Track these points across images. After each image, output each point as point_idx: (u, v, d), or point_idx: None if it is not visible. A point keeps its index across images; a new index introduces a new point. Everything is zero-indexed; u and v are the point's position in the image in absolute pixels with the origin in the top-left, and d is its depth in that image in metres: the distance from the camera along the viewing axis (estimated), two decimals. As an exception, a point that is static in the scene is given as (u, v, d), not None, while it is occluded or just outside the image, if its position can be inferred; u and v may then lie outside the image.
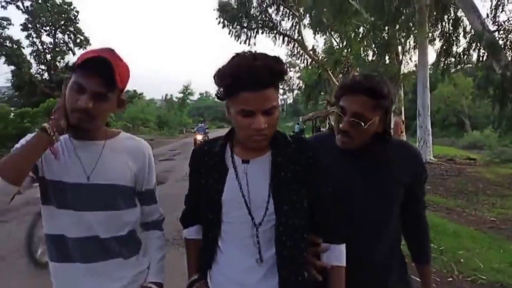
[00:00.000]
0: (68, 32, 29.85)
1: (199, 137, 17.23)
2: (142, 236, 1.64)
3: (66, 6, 29.20)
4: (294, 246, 1.37)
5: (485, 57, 12.70)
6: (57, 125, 1.32)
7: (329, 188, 1.45)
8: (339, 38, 28.45)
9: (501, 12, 13.41)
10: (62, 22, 29.28)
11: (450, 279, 3.96)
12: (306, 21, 28.63)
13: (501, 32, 13.03)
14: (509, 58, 12.13)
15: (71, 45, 29.93)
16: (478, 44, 13.02)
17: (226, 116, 1.39)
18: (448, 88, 42.94)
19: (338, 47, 28.95)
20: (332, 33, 28.09)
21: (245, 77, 1.22)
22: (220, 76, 1.29)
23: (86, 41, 30.27)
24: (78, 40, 29.94)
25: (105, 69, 1.31)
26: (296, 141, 1.46)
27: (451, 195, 10.64)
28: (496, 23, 13.24)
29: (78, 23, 29.71)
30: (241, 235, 1.38)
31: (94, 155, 1.46)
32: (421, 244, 1.74)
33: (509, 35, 12.98)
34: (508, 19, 13.18)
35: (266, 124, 1.28)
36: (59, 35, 29.67)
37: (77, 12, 29.43)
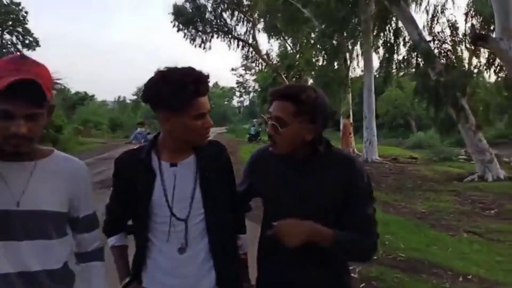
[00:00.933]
0: (15, 33, 28.88)
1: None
2: (76, 269, 1.46)
3: (13, 6, 28.28)
4: (224, 233, 1.59)
5: (421, 65, 13.81)
6: None
7: (237, 187, 1.71)
8: (292, 43, 29.56)
9: (436, 23, 14.77)
10: (10, 23, 28.30)
11: (375, 257, 4.66)
12: (261, 25, 29.59)
13: (436, 42, 14.32)
14: (442, 66, 13.33)
15: (19, 46, 29.00)
16: (416, 52, 14.18)
17: (163, 126, 1.53)
18: (395, 92, 45.23)
19: (292, 51, 30.01)
20: (286, 37, 29.13)
21: (202, 85, 1.45)
22: (180, 86, 1.40)
23: (36, 42, 29.43)
24: (27, 41, 29.06)
25: (33, 90, 1.18)
26: (212, 144, 1.65)
27: (391, 191, 11.58)
28: (432, 34, 14.55)
29: (27, 23, 28.84)
30: (165, 230, 1.52)
31: (23, 178, 1.30)
32: (345, 233, 1.55)
33: (443, 45, 14.28)
34: (442, 30, 14.53)
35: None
36: (7, 36, 28.70)
37: (26, 12, 28.59)
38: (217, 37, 29.33)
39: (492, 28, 13.10)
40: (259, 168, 1.70)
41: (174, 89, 1.40)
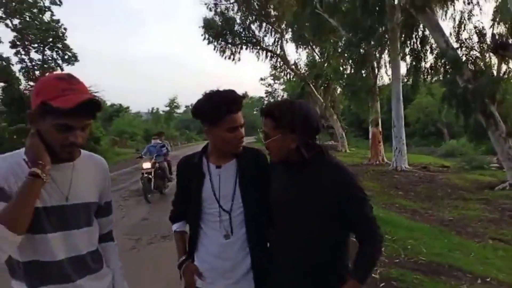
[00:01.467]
0: (56, 49, 30.30)
1: (147, 165, 10.15)
2: (100, 247, 1.71)
3: (54, 24, 29.76)
4: (259, 225, 1.90)
5: (449, 72, 13.77)
6: (47, 168, 1.38)
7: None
8: (320, 53, 29.78)
9: (463, 30, 14.71)
10: (50, 39, 29.76)
11: (397, 260, 4.87)
12: (288, 35, 30.00)
13: (464, 49, 14.26)
14: (471, 73, 13.26)
15: (59, 61, 30.34)
16: (443, 60, 14.16)
17: (206, 135, 1.89)
18: (426, 99, 44.53)
19: (319, 60, 30.21)
20: (314, 47, 29.39)
21: (234, 105, 1.80)
22: (214, 107, 1.77)
23: (74, 57, 30.69)
24: (66, 57, 30.42)
25: (90, 105, 1.40)
26: (252, 151, 2.01)
27: (420, 199, 11.59)
28: (459, 41, 14.50)
29: (66, 40, 30.25)
30: (216, 221, 1.88)
31: (67, 177, 1.51)
32: (358, 261, 1.75)
33: (471, 52, 14.20)
34: (470, 37, 14.46)
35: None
36: (48, 52, 30.12)
37: (65, 29, 30.00)
38: (246, 49, 29.88)
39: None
40: (271, 171, 1.97)
41: (212, 108, 1.77)
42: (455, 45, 14.07)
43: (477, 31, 14.10)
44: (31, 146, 1.42)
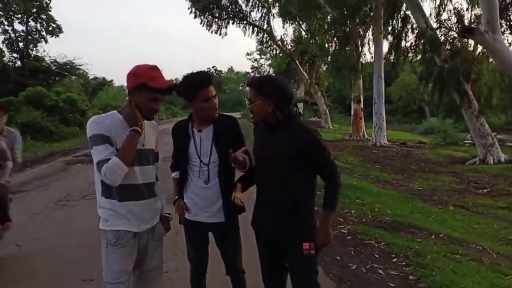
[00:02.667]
0: (40, 20, 29.90)
1: None
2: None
3: (37, -6, 29.33)
4: (229, 175, 2.53)
5: (428, 52, 14.36)
6: (143, 127, 2.14)
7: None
8: (306, 29, 30.04)
9: (443, 11, 15.27)
10: (34, 10, 29.33)
11: (364, 220, 5.52)
12: (275, 10, 30.10)
13: (442, 29, 14.84)
14: (448, 53, 13.88)
15: (44, 33, 29.97)
16: (422, 40, 14.72)
17: (188, 108, 2.51)
18: (410, 77, 45.14)
19: (306, 37, 30.50)
20: (301, 22, 29.58)
21: (203, 81, 2.40)
22: (190, 86, 2.38)
23: (58, 29, 30.29)
24: (50, 28, 30.04)
25: (172, 89, 2.23)
26: (226, 118, 2.61)
27: (394, 172, 12.31)
28: (438, 22, 15.06)
29: (50, 11, 29.72)
30: (197, 170, 2.50)
31: (142, 132, 2.17)
32: (327, 196, 2.27)
33: (449, 32, 14.80)
34: (449, 17, 15.02)
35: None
36: (31, 23, 29.68)
37: (49, 0, 29.60)
38: (233, 23, 30.02)
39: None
40: (256, 131, 2.50)
41: (188, 87, 2.39)
42: (435, 25, 14.63)
43: (456, 12, 14.64)
44: (133, 113, 2.13)
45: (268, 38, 31.15)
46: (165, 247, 2.49)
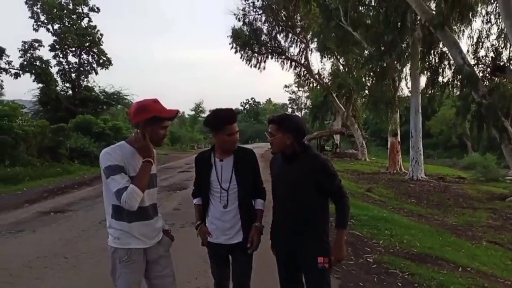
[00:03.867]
0: (92, 53, 32.11)
1: None
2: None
3: (90, 29, 31.58)
4: (247, 200, 2.80)
5: (465, 88, 14.36)
6: (153, 157, 2.41)
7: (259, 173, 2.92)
8: (344, 63, 30.55)
9: (481, 48, 15.31)
10: (87, 44, 31.56)
11: (391, 250, 5.66)
12: (313, 45, 30.90)
13: (480, 66, 14.85)
14: (486, 89, 13.83)
15: (95, 65, 32.13)
16: (460, 75, 14.77)
17: (214, 139, 2.75)
18: (450, 111, 44.36)
19: (343, 70, 30.97)
20: (338, 57, 30.16)
21: (230, 118, 2.69)
22: (218, 120, 2.68)
23: (109, 61, 32.34)
24: (101, 61, 32.16)
25: (177, 115, 2.56)
26: (245, 150, 2.89)
27: (430, 206, 12.23)
28: (476, 58, 15.10)
29: (101, 45, 31.97)
30: (218, 196, 2.75)
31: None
32: (338, 216, 2.61)
33: (487, 69, 14.77)
34: (486, 54, 15.04)
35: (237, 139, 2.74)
36: (84, 56, 31.94)
37: (101, 35, 31.75)
38: (271, 58, 30.98)
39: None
40: (272, 164, 2.90)
41: (216, 121, 2.70)
42: (472, 62, 14.66)
43: (494, 49, 14.66)
44: (147, 145, 2.37)
45: (305, 72, 31.83)
46: (195, 264, 2.80)
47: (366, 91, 22.85)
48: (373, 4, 20.77)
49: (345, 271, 4.61)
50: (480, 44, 15.17)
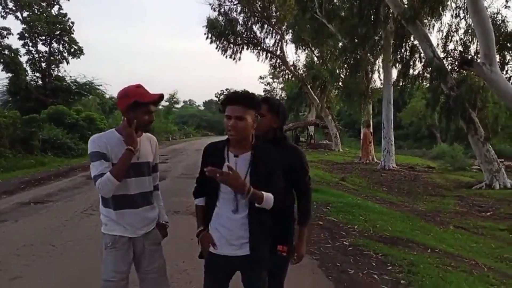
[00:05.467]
0: (62, 42, 31.22)
1: None
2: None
3: (61, 17, 30.68)
4: (260, 210, 2.18)
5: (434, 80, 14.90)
6: (137, 146, 2.37)
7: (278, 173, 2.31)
8: (318, 55, 30.92)
9: (450, 42, 15.89)
10: (58, 32, 30.65)
11: (366, 234, 5.97)
12: (288, 37, 31.14)
13: (449, 59, 15.42)
14: (454, 82, 14.39)
15: (66, 54, 31.24)
16: (429, 68, 15.30)
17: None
18: (420, 103, 45.58)
19: (317, 62, 31.35)
20: (313, 49, 30.49)
21: (228, 99, 2.19)
22: (223, 99, 2.24)
23: (80, 50, 31.53)
24: (72, 50, 31.34)
25: (160, 99, 2.46)
26: (268, 147, 2.31)
27: (401, 194, 12.71)
28: (445, 52, 15.67)
29: (73, 33, 31.07)
30: (228, 198, 2.22)
31: (140, 144, 2.44)
32: (301, 212, 2.54)
33: (456, 62, 15.35)
34: (455, 48, 15.62)
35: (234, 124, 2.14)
36: (54, 45, 31.02)
37: (73, 23, 30.89)
38: (247, 49, 31.08)
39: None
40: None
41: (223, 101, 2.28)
42: (442, 55, 15.22)
43: (462, 43, 15.24)
44: (129, 134, 2.34)
45: (281, 63, 32.05)
46: (184, 251, 2.81)
47: (340, 83, 23.32)
48: (347, -4, 21.13)
49: (322, 253, 4.87)
50: (450, 38, 15.80)
